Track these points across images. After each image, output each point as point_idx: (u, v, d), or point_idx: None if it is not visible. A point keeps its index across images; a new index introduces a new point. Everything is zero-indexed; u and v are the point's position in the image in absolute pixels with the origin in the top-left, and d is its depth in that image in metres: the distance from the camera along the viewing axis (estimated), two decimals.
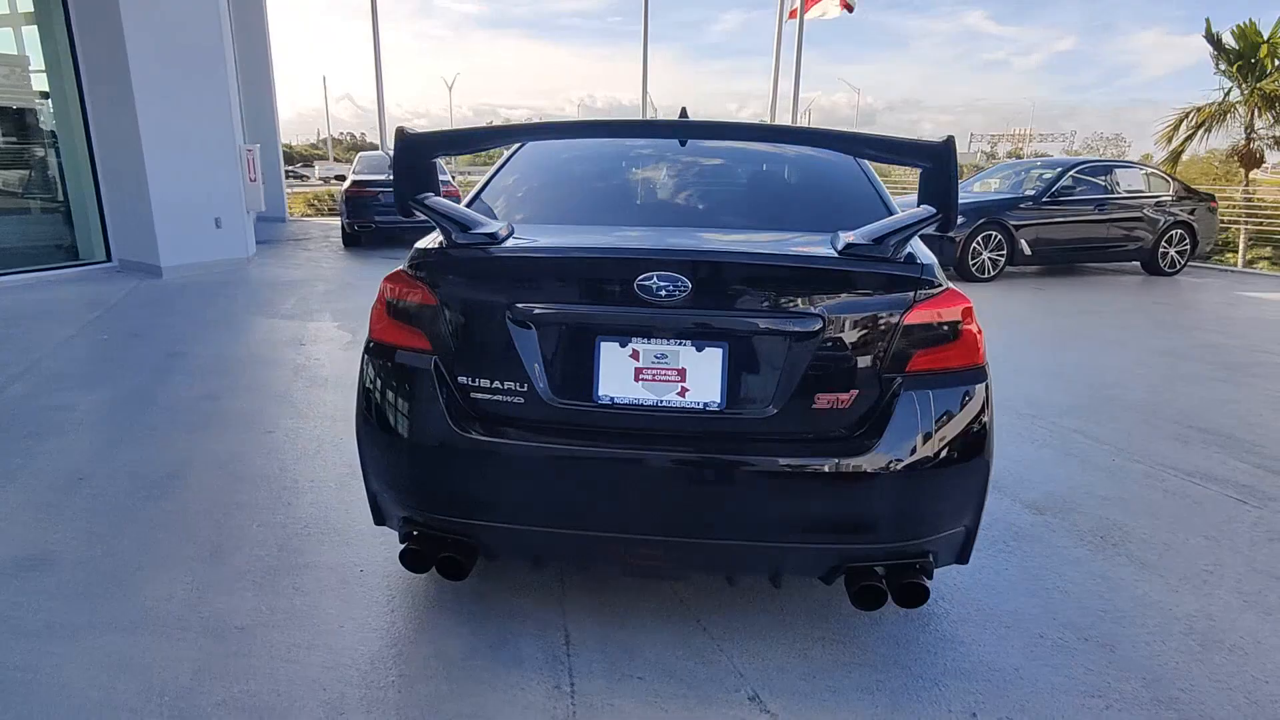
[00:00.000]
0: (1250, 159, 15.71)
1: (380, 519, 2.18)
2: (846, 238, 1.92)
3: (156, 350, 5.25)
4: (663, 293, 1.81)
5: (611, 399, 1.87)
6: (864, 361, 1.85)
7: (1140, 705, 1.96)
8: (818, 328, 1.82)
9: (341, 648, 2.11)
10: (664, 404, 1.86)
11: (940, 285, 1.89)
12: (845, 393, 1.85)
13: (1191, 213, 10.14)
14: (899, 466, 1.82)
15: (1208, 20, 15.69)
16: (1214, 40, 15.38)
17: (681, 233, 2.19)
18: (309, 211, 19.33)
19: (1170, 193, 10.23)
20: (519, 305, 1.88)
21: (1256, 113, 15.21)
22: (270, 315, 6.51)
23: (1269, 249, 14.31)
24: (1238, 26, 15.02)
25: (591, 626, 2.22)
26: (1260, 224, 14.13)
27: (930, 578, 1.92)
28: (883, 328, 1.85)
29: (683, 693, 1.96)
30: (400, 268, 2.05)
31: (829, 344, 1.83)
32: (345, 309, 6.80)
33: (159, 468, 3.29)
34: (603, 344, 1.87)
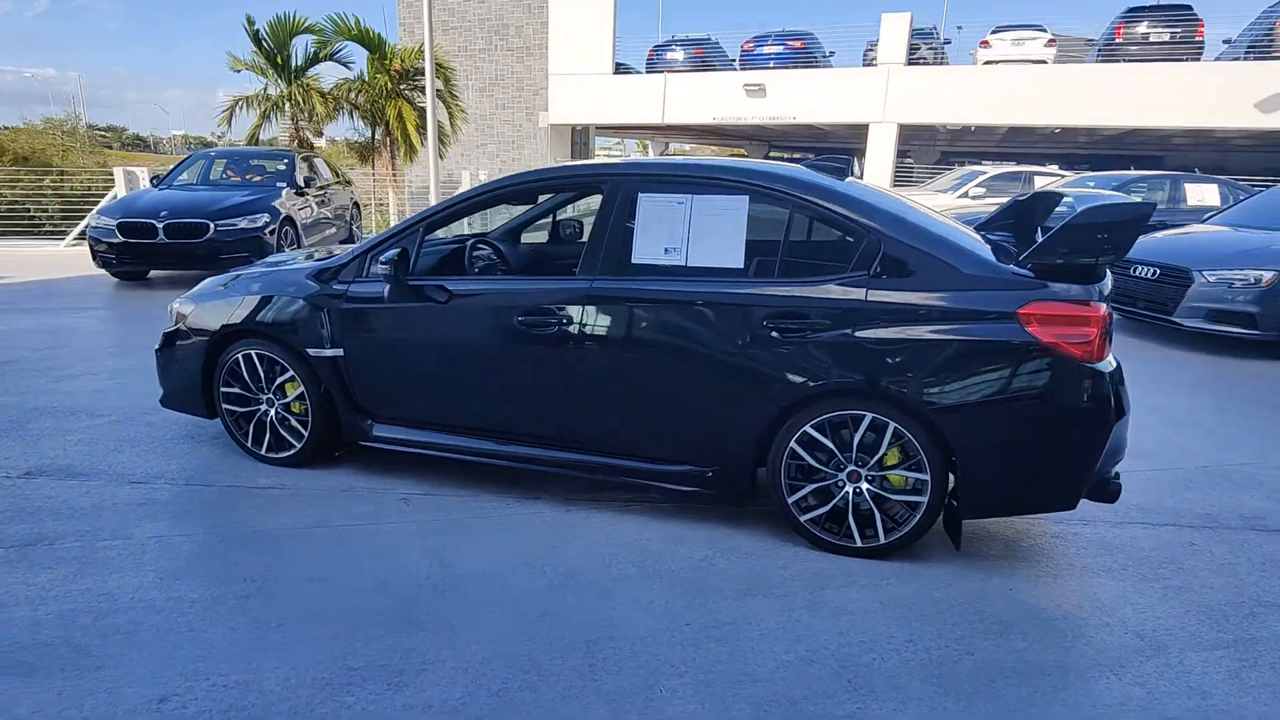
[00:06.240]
0: (304, 147, 17.70)
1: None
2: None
3: None
4: None
5: None
6: None
7: None
8: None
9: None
10: None
11: None
12: None
13: None
14: None
15: (249, 16, 16.37)
16: (253, 36, 16.35)
17: None
18: None
19: None
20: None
21: (302, 106, 17.03)
22: None
23: None
24: (270, 23, 16.32)
25: None
26: None
27: None
28: None
29: None
30: (1080, 306, 2.77)
31: None
32: None
33: None
34: None
